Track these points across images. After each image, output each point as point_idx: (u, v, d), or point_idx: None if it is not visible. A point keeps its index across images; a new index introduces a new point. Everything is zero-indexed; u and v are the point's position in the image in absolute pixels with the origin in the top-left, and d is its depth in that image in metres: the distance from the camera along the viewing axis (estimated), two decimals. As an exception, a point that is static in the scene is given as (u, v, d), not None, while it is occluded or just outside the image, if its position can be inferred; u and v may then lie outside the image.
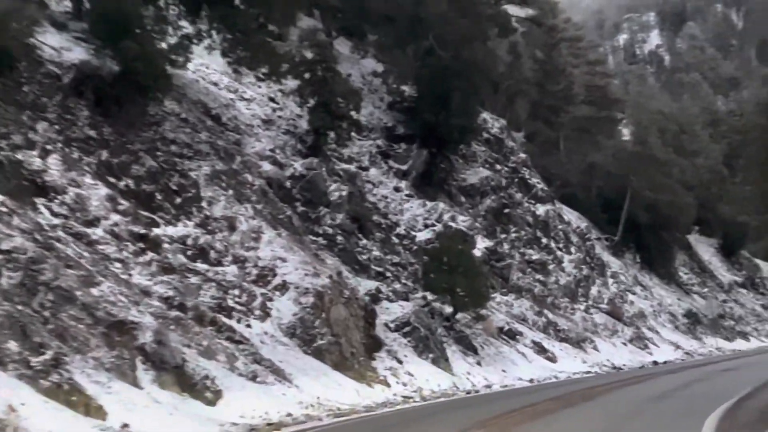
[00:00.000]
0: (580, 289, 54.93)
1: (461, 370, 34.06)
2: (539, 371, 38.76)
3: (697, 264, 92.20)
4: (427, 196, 46.29)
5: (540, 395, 26.63)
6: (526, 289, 48.63)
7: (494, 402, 25.94)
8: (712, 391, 23.97)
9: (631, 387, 27.81)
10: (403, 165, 46.89)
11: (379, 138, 47.42)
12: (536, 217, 54.96)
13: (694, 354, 58.11)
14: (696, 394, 24.02)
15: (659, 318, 65.62)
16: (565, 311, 50.95)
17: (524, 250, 51.43)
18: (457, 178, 50.48)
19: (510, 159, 56.87)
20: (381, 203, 43.25)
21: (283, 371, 25.32)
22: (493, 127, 56.96)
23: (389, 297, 35.45)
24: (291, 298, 28.60)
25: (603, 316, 54.33)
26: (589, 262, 58.52)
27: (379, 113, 49.03)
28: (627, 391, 26.61)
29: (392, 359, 31.32)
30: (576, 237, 58.88)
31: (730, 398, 20.77)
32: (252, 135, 38.37)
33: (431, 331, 34.45)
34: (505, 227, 51.09)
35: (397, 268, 39.46)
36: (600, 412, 20.66)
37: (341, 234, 36.72)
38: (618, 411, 20.45)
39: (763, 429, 15.88)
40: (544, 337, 44.86)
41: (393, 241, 41.15)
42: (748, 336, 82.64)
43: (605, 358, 46.60)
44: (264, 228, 30.79)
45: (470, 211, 49.12)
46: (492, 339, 39.73)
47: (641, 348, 53.98)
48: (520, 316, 45.32)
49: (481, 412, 21.04)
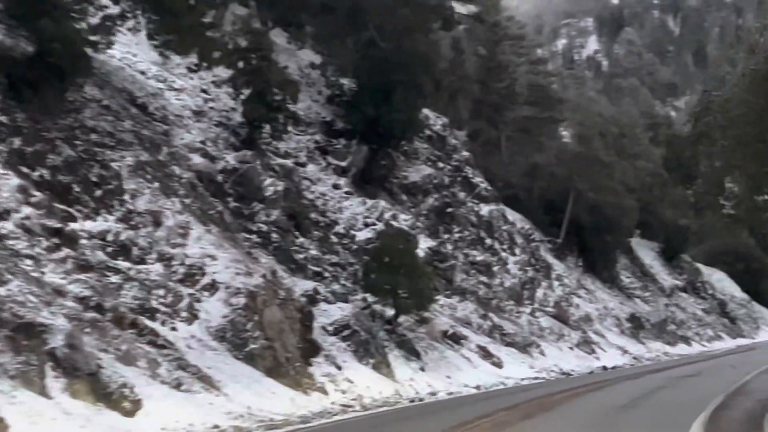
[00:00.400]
0: (525, 292, 53.22)
1: (404, 376, 32.02)
2: (486, 377, 36.85)
3: (639, 268, 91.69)
4: (368, 194, 44.27)
5: (492, 404, 24.69)
6: (471, 291, 46.78)
7: (442, 412, 24.05)
8: (680, 400, 22.29)
9: (591, 395, 25.90)
10: (343, 161, 44.82)
11: (317, 133, 45.28)
12: (480, 217, 53.17)
13: (642, 359, 56.71)
14: (665, 403, 22.18)
15: (605, 322, 64.20)
16: (510, 314, 49.20)
17: (468, 251, 49.59)
18: (398, 176, 48.51)
19: (453, 157, 55.07)
20: (319, 200, 41.08)
21: (210, 378, 23.19)
22: (436, 124, 55.15)
23: (328, 298, 33.31)
24: (221, 298, 26.45)
25: (549, 319, 52.64)
26: (534, 264, 56.86)
27: (317, 107, 46.90)
28: (588, 400, 24.74)
29: (330, 365, 29.22)
30: (520, 238, 57.22)
31: (703, 408, 18.98)
32: (181, 126, 36.08)
33: (372, 335, 32.40)
34: (449, 227, 49.20)
35: (336, 268, 37.34)
36: (565, 424, 18.68)
37: (276, 231, 34.54)
38: (586, 422, 18.49)
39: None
40: (489, 341, 43.01)
41: (332, 240, 39.01)
42: (690, 341, 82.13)
43: (553, 363, 44.85)
44: (192, 223, 28.55)
45: (412, 210, 47.20)
46: (436, 343, 37.74)
47: (588, 353, 52.34)
48: (465, 320, 43.46)
49: (431, 425, 19.01)
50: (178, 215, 28.24)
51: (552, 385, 32.94)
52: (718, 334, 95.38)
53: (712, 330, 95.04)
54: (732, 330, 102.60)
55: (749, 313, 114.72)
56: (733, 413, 19.16)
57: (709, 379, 27.65)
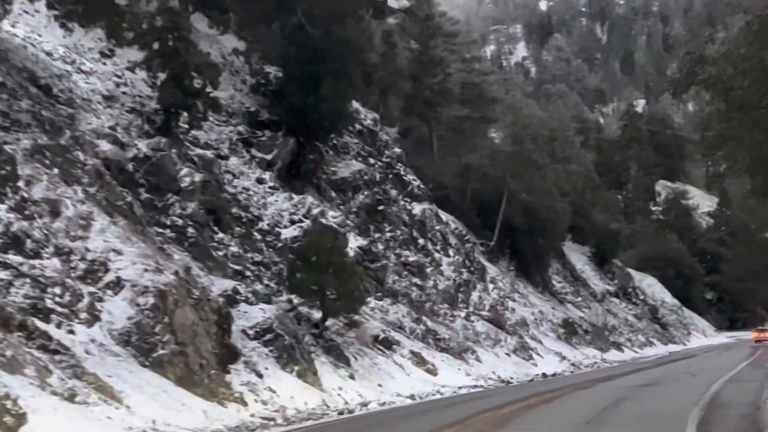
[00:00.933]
0: (460, 295, 50.68)
1: (332, 384, 29.16)
2: (420, 385, 34.11)
3: (570, 272, 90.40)
4: (294, 190, 41.46)
5: (433, 419, 21.84)
6: (403, 294, 44.14)
7: (376, 429, 21.17)
8: (651, 414, 19.76)
9: (545, 408, 23.01)
10: (268, 154, 41.89)
11: (241, 124, 42.32)
12: (412, 216, 50.58)
13: (580, 365, 54.50)
14: (636, 418, 19.49)
15: (541, 327, 62.08)
16: (444, 318, 46.66)
17: (400, 251, 46.94)
18: (327, 171, 45.73)
19: (384, 153, 52.46)
20: (242, 195, 38.12)
21: (111, 388, 20.21)
22: (366, 118, 52.52)
23: (249, 299, 30.33)
24: (126, 298, 23.42)
25: (485, 323, 50.16)
26: (469, 266, 54.36)
27: (240, 96, 43.94)
28: (544, 414, 21.86)
29: (251, 372, 26.31)
30: (454, 239, 54.72)
31: (683, 425, 16.38)
32: (89, 111, 32.84)
33: (297, 340, 29.53)
34: (380, 226, 46.51)
35: (259, 267, 34.43)
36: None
37: (193, 226, 31.50)
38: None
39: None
40: (423, 346, 40.36)
41: (255, 237, 36.06)
42: (622, 347, 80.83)
43: (490, 370, 42.31)
44: (96, 214, 25.43)
45: (342, 207, 44.44)
46: (366, 349, 34.96)
47: (526, 359, 49.98)
48: (397, 324, 40.77)
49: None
50: (80, 205, 25.12)
51: (494, 395, 30.14)
52: (649, 340, 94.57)
53: (643, 336, 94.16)
54: (663, 336, 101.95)
55: (680, 319, 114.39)
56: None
57: (672, 389, 25.14)
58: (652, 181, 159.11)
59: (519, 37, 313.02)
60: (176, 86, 34.09)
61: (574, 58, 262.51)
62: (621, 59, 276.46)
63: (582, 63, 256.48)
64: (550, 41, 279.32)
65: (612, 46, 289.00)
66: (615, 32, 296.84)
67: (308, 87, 41.48)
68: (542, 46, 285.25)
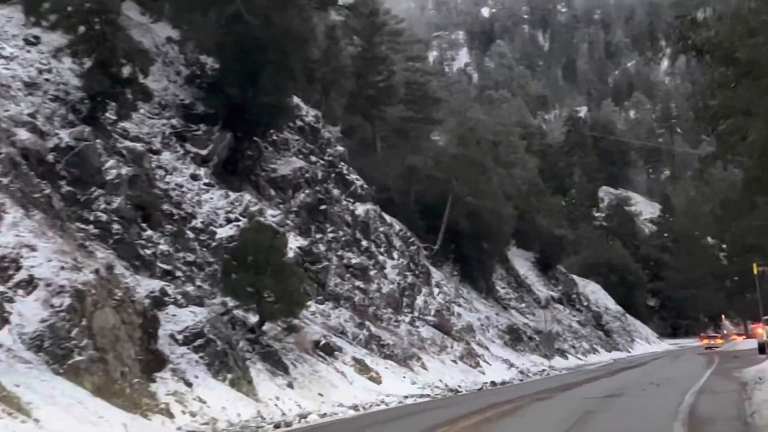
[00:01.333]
0: (404, 299, 48.60)
1: (268, 394, 26.86)
2: (363, 395, 31.89)
3: (515, 278, 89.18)
4: (231, 187, 39.13)
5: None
6: (346, 297, 41.96)
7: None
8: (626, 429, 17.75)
9: (506, 422, 20.45)
10: (203, 149, 39.53)
11: (175, 117, 39.87)
12: (355, 217, 48.46)
13: (529, 373, 52.67)
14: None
15: (487, 333, 60.29)
16: (388, 323, 44.57)
17: (343, 253, 44.77)
18: (266, 168, 43.48)
19: (327, 151, 50.30)
20: (175, 192, 35.69)
21: (18, 399, 17.81)
22: (308, 115, 50.33)
23: (178, 301, 27.94)
24: (39, 298, 21.01)
25: (430, 329, 48.11)
26: (414, 269, 52.28)
27: (174, 88, 41.49)
28: (508, 429, 19.67)
29: (178, 381, 23.97)
30: (399, 241, 52.64)
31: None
32: (7, 97, 30.31)
33: (231, 345, 27.23)
34: (321, 226, 44.30)
35: (192, 267, 32.05)
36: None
37: (119, 222, 29.07)
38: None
39: None
40: (366, 353, 38.19)
41: (187, 236, 33.65)
42: (566, 354, 79.58)
43: (436, 378, 40.22)
44: (8, 206, 22.98)
45: (281, 206, 42.20)
46: (306, 355, 32.72)
47: (473, 366, 48.02)
48: (339, 329, 38.59)
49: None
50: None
51: (445, 407, 27.85)
52: (593, 347, 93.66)
53: (587, 343, 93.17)
54: (607, 343, 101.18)
55: (623, 326, 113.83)
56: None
57: (642, 401, 23.03)
58: (596, 187, 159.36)
59: (461, 43, 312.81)
60: (103, 73, 31.64)
61: (517, 64, 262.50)
62: (563, 66, 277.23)
63: (524, 69, 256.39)
64: (492, 48, 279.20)
65: (554, 53, 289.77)
66: (557, 39, 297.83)
67: (246, 79, 39.26)
68: (485, 53, 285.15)
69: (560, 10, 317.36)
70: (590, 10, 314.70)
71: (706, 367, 37.41)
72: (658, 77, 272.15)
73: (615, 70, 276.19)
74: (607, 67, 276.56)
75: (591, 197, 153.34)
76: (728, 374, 31.60)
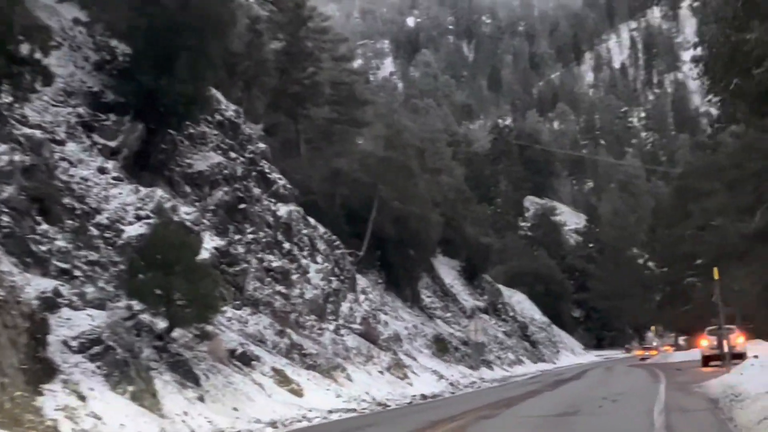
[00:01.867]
0: (329, 306, 45.64)
1: (176, 408, 23.73)
2: (283, 409, 28.89)
3: (440, 287, 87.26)
4: (142, 182, 35.89)
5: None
6: (265, 303, 38.90)
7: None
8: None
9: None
10: (112, 141, 36.20)
11: (82, 105, 36.46)
12: (277, 217, 45.45)
13: (459, 385, 50.06)
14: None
15: (415, 342, 57.68)
16: (311, 331, 41.62)
17: (263, 255, 41.71)
18: (181, 163, 40.29)
19: (247, 148, 47.23)
20: (79, 185, 32.40)
21: None
22: (228, 109, 47.25)
23: (73, 303, 24.77)
24: None
25: (356, 338, 45.22)
26: (339, 275, 49.38)
27: (82, 75, 38.09)
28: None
29: (70, 394, 20.75)
30: (323, 244, 49.73)
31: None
32: None
33: (133, 354, 24.12)
34: (240, 226, 41.19)
35: (95, 267, 28.81)
36: None
37: (9, 214, 25.76)
38: None
39: None
40: (287, 362, 35.18)
41: (91, 233, 30.39)
42: (492, 365, 77.80)
43: (363, 391, 37.30)
44: None
45: (197, 203, 39.07)
46: (221, 365, 29.65)
47: (401, 377, 45.24)
48: (257, 336, 35.54)
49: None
50: None
51: (376, 425, 24.75)
52: (519, 358, 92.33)
53: (513, 354, 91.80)
54: (533, 354, 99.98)
55: (549, 337, 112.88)
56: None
57: (603, 420, 20.11)
58: (521, 197, 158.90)
59: (387, 52, 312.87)
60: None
61: (442, 74, 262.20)
62: (488, 77, 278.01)
63: (449, 79, 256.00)
64: (417, 57, 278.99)
65: (479, 63, 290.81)
66: (482, 50, 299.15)
67: (161, 65, 35.97)
68: (410, 62, 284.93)
69: (485, 21, 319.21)
70: (515, 21, 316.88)
71: (654, 381, 34.99)
72: (581, 89, 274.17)
73: (539, 81, 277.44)
74: (532, 78, 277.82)
75: (517, 206, 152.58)
76: (685, 389, 29.21)
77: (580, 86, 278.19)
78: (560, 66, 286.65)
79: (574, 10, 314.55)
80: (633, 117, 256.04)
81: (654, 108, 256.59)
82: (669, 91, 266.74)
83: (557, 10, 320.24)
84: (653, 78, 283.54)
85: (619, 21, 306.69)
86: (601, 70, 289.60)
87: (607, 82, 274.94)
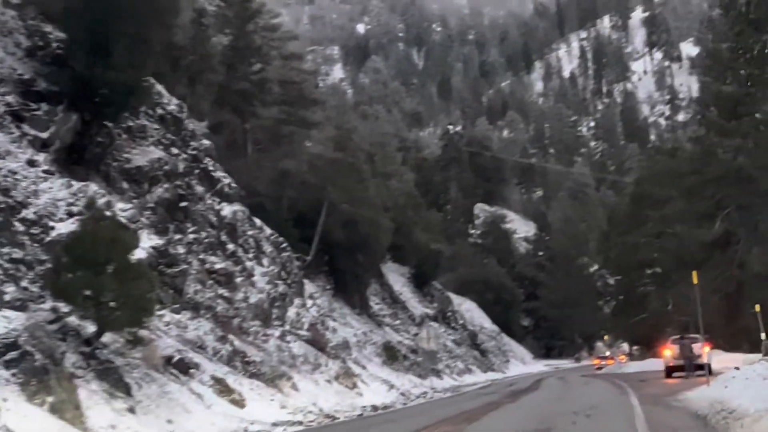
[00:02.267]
0: (274, 310, 43.27)
1: (101, 421, 21.37)
2: (223, 421, 26.66)
3: (389, 294, 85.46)
4: (76, 176, 33.47)
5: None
6: (207, 307, 36.54)
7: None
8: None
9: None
10: (43, 132, 33.74)
11: (11, 93, 33.97)
12: (221, 217, 43.12)
13: (411, 395, 48.05)
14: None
15: (364, 350, 55.60)
16: (255, 337, 39.31)
17: (205, 256, 39.34)
18: (119, 158, 37.83)
19: (190, 144, 44.89)
20: (6, 178, 29.98)
21: None
22: (171, 103, 44.91)
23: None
24: None
25: (303, 345, 42.95)
26: (286, 278, 47.07)
27: (12, 61, 35.56)
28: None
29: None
30: (270, 246, 47.45)
31: None
32: None
33: (54, 360, 21.75)
34: (181, 225, 38.77)
35: (18, 265, 26.41)
36: None
37: None
38: None
39: None
40: (228, 371, 32.90)
41: (15, 229, 28.01)
42: (441, 374, 76.10)
43: (309, 401, 35.10)
44: None
45: (135, 200, 36.65)
46: (155, 373, 27.33)
47: (350, 387, 43.09)
48: (197, 342, 33.21)
49: None
50: None
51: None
52: (468, 367, 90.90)
53: (462, 363, 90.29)
54: (483, 363, 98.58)
55: (499, 346, 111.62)
56: None
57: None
58: (471, 204, 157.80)
59: (336, 58, 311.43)
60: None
61: (391, 81, 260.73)
62: (438, 84, 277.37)
63: (399, 86, 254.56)
64: (367, 63, 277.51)
65: (429, 71, 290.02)
66: (432, 57, 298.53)
67: (97, 52, 33.60)
68: (359, 69, 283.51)
69: (435, 29, 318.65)
70: (465, 30, 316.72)
71: (621, 393, 33.03)
72: (531, 97, 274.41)
73: (489, 89, 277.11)
74: (482, 86, 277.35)
75: (467, 214, 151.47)
76: (661, 402, 27.20)
77: (530, 95, 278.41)
78: (510, 74, 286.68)
79: (525, 19, 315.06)
80: (582, 126, 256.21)
81: (603, 117, 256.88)
82: (618, 100, 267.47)
83: (507, 18, 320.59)
84: (603, 87, 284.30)
85: (569, 30, 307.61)
86: (550, 79, 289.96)
87: (557, 91, 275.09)
